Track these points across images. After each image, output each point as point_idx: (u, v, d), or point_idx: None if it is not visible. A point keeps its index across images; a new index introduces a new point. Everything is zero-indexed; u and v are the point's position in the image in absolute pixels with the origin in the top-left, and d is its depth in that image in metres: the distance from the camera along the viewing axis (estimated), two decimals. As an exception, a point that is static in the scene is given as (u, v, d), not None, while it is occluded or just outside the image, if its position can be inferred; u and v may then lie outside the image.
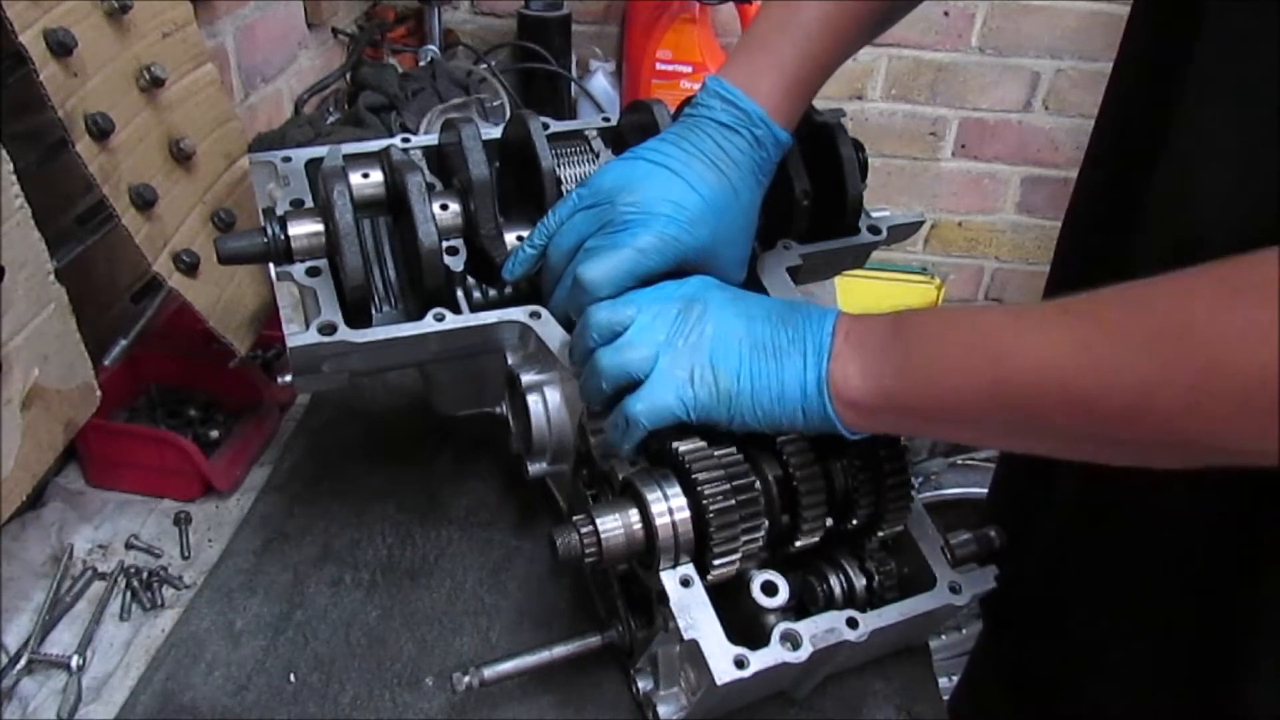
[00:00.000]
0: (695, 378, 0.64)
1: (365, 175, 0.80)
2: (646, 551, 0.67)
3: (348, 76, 1.59)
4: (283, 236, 0.73)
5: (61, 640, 0.77)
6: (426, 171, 0.82)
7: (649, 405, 0.64)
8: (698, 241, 0.71)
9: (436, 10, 1.75)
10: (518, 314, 0.74)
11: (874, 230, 0.90)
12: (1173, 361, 0.46)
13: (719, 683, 0.62)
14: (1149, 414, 0.47)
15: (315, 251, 0.74)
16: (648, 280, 0.70)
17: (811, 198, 0.85)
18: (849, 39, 0.77)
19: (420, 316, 0.73)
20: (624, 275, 0.69)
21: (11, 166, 0.66)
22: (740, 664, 0.63)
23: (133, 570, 0.82)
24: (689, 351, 0.64)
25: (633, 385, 0.66)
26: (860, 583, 0.73)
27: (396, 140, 0.85)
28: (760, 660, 0.64)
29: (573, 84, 1.78)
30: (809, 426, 0.63)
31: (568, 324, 0.73)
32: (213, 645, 0.76)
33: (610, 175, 0.73)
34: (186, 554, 0.86)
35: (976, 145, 2.13)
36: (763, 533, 0.68)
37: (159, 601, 0.81)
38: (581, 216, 0.72)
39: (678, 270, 0.71)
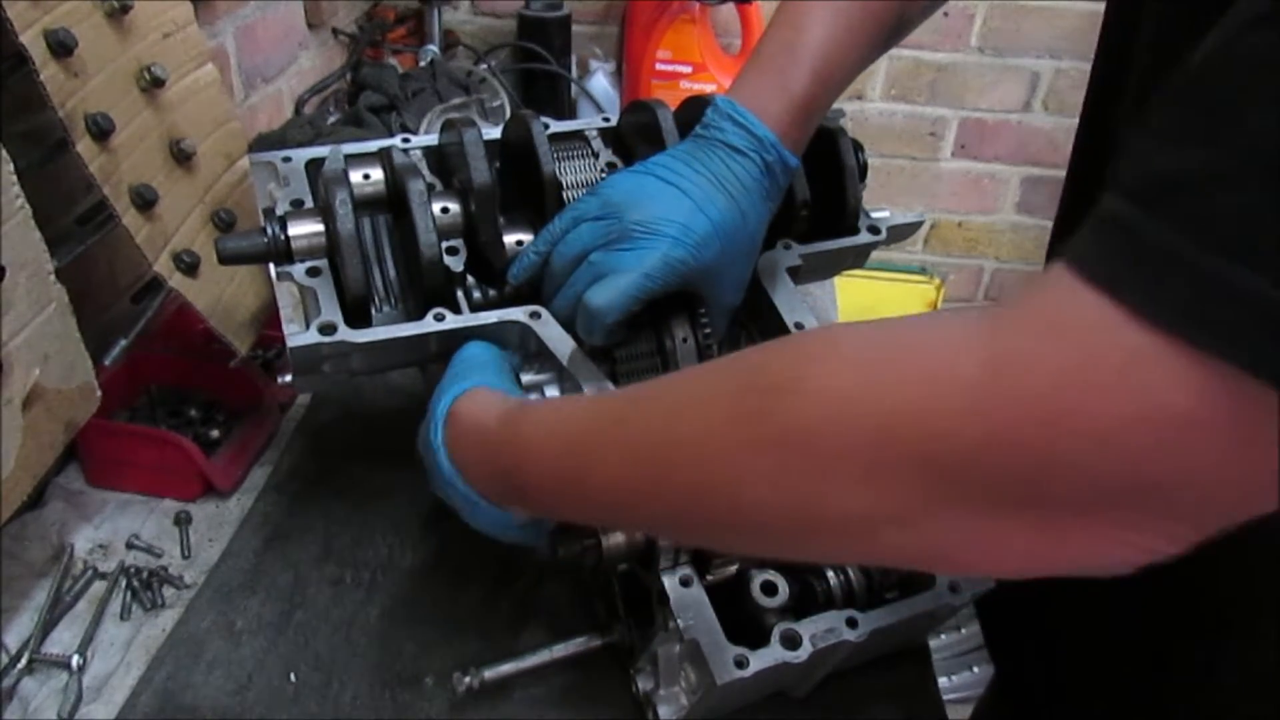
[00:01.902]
0: None
1: (366, 176, 0.80)
2: (646, 551, 0.67)
3: (348, 77, 1.59)
4: (283, 237, 0.73)
5: (62, 640, 0.77)
6: (427, 172, 0.82)
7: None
8: (701, 264, 0.71)
9: (436, 10, 1.76)
10: (518, 314, 0.74)
11: (874, 230, 0.90)
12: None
13: (719, 683, 0.62)
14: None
15: (315, 252, 0.74)
16: (654, 305, 0.71)
17: (811, 207, 0.85)
18: (855, 59, 0.77)
19: (420, 316, 0.73)
20: (630, 300, 0.69)
21: (11, 166, 0.65)
22: (740, 664, 0.63)
23: (133, 570, 0.82)
24: None
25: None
26: (860, 582, 0.73)
27: (397, 140, 0.85)
28: (760, 660, 0.64)
29: (573, 84, 1.78)
30: None
31: (568, 328, 0.73)
32: (213, 645, 0.76)
33: (620, 189, 0.73)
34: (187, 554, 0.86)
35: (976, 145, 2.13)
36: (763, 533, 0.68)
37: (159, 601, 0.81)
38: (588, 227, 0.72)
39: (679, 290, 0.72)
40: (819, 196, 0.86)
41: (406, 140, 0.86)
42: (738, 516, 0.44)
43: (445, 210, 0.78)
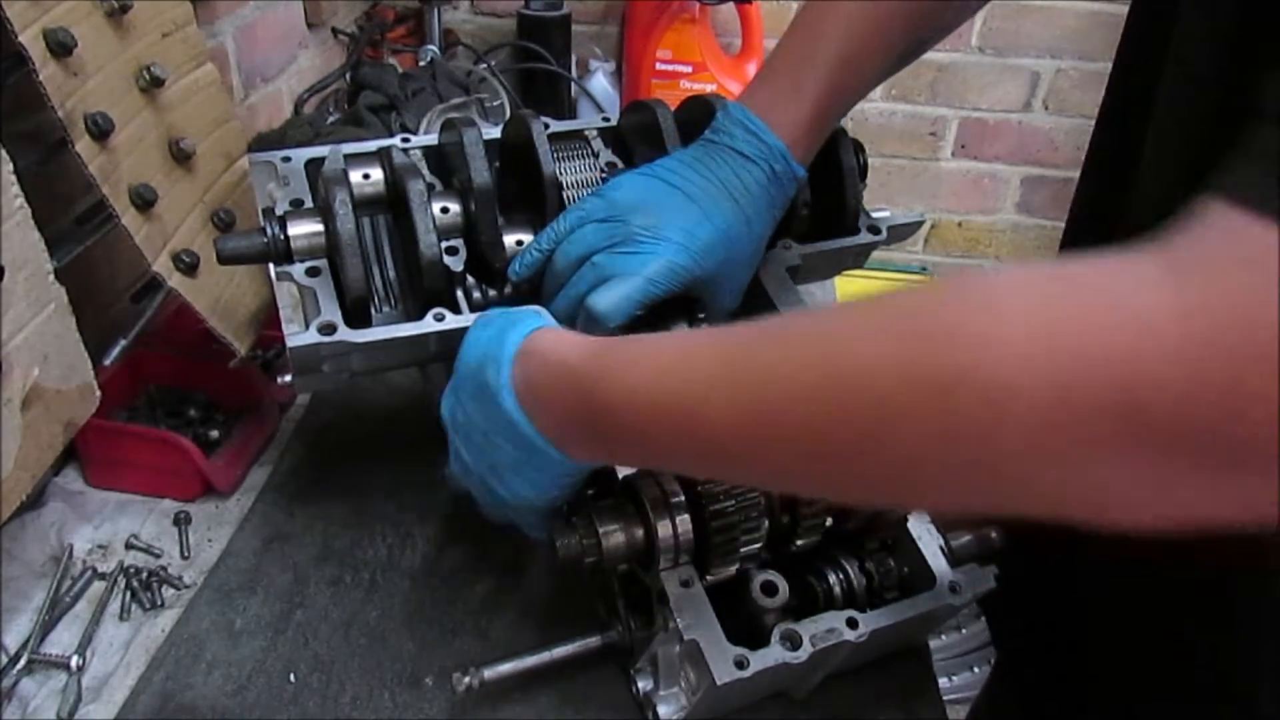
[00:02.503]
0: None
1: (366, 176, 0.80)
2: (646, 552, 0.67)
3: (348, 76, 1.58)
4: (282, 237, 0.73)
5: (61, 640, 0.77)
6: (427, 172, 0.82)
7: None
8: (705, 271, 0.71)
9: (436, 10, 1.75)
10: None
11: (874, 230, 0.90)
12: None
13: (719, 683, 0.62)
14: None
15: (315, 252, 0.74)
16: (653, 306, 0.71)
17: (811, 207, 0.85)
18: (873, 70, 0.77)
19: (420, 316, 0.73)
20: (633, 305, 0.69)
21: (11, 166, 0.65)
22: (740, 664, 0.63)
23: (133, 570, 0.82)
24: None
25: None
26: (860, 582, 0.73)
27: (396, 140, 0.85)
28: (760, 660, 0.64)
29: (573, 84, 1.78)
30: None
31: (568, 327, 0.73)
32: (213, 645, 0.76)
33: (626, 191, 0.73)
34: (186, 554, 0.86)
35: (976, 145, 2.13)
36: (762, 533, 0.68)
37: (159, 601, 0.81)
38: (593, 229, 0.72)
39: (680, 295, 0.71)
40: (819, 196, 0.86)
41: (406, 140, 0.86)
42: (884, 460, 0.43)
43: (445, 210, 0.78)
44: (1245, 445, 0.34)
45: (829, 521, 0.71)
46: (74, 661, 0.74)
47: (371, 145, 0.84)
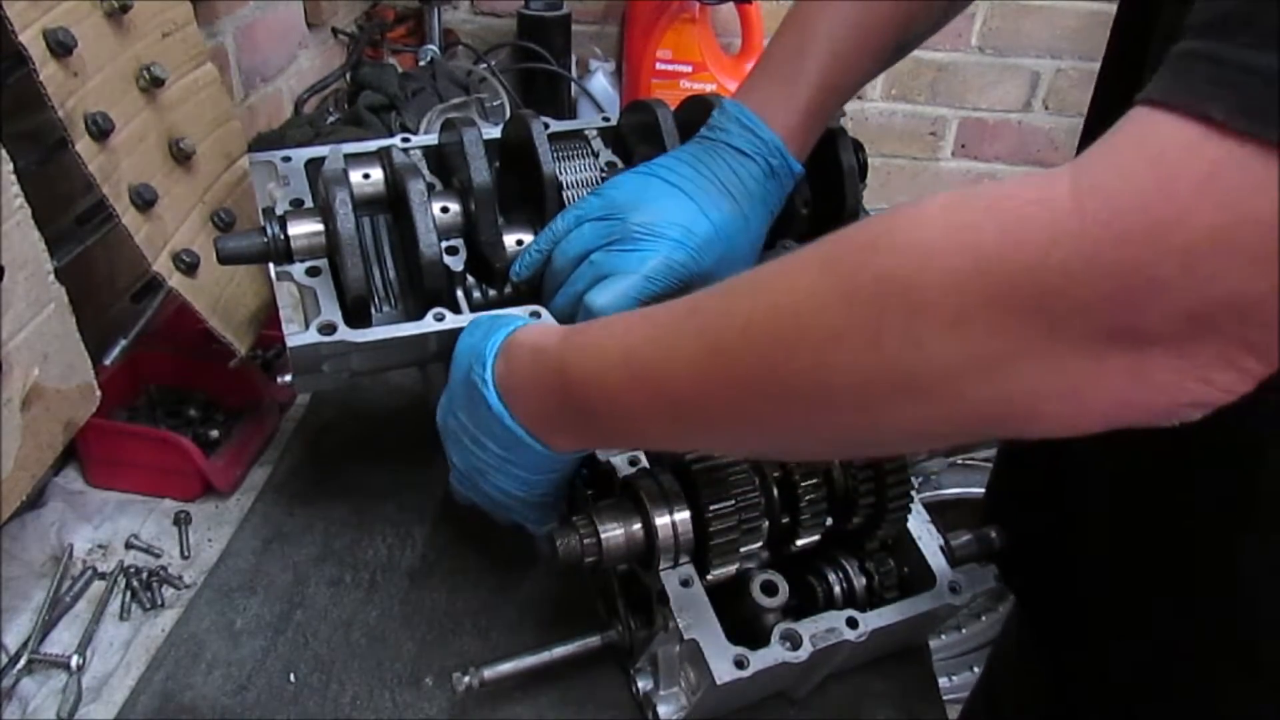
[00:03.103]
0: None
1: (366, 176, 0.80)
2: (646, 552, 0.67)
3: (348, 76, 1.58)
4: (283, 236, 0.73)
5: (61, 640, 0.77)
6: (426, 172, 0.82)
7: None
8: (702, 268, 0.71)
9: (436, 10, 1.75)
10: (518, 314, 0.74)
11: (874, 230, 0.90)
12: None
13: (719, 682, 0.62)
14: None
15: (315, 251, 0.74)
16: (650, 303, 0.71)
17: (811, 207, 0.85)
18: (863, 67, 0.77)
19: (420, 316, 0.73)
20: (631, 302, 0.69)
21: (11, 166, 0.65)
22: (740, 664, 0.63)
23: (133, 570, 0.82)
24: None
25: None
26: (860, 582, 0.73)
27: (396, 140, 0.85)
28: (760, 660, 0.64)
29: (573, 84, 1.78)
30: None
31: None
32: (213, 645, 0.76)
33: (624, 190, 0.73)
34: (186, 554, 0.86)
35: (976, 145, 2.13)
36: (762, 533, 0.68)
37: (159, 601, 0.81)
38: (590, 227, 0.73)
39: (679, 292, 0.71)
40: (819, 196, 0.86)
41: (406, 140, 0.86)
42: (829, 384, 0.43)
43: (445, 210, 0.78)
44: (1141, 328, 0.35)
45: (829, 521, 0.71)
46: (74, 661, 0.74)
47: (371, 145, 0.84)
